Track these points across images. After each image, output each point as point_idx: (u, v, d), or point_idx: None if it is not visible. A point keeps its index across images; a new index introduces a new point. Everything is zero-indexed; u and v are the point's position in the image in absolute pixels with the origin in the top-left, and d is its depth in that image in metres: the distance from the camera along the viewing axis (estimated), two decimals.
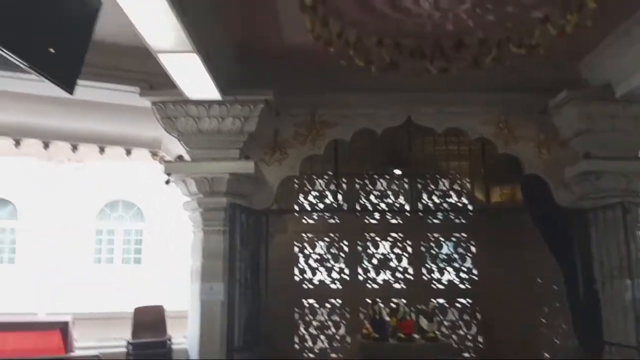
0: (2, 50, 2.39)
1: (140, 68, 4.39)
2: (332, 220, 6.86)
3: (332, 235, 6.80)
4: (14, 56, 2.47)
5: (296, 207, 6.58)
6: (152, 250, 13.80)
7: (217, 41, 3.99)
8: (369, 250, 6.83)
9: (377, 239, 6.87)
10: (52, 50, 2.70)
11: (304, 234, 6.75)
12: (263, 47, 4.46)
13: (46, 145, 6.08)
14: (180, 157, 4.99)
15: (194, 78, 4.01)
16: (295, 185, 6.51)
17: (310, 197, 6.71)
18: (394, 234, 6.87)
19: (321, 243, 6.77)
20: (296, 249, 6.72)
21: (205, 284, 4.57)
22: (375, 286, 6.75)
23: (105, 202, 13.98)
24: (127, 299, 11.70)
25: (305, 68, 4.55)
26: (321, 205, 6.66)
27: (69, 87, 2.90)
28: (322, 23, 3.41)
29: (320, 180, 6.67)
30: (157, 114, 4.70)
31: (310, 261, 6.73)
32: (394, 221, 6.93)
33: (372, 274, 6.78)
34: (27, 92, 4.62)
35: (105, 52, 4.10)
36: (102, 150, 6.23)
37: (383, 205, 6.83)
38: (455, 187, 6.87)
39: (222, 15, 3.91)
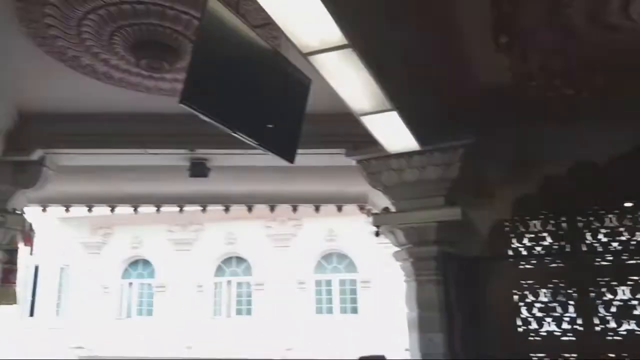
0: (238, 134, 2.86)
1: (344, 131, 4.73)
2: (554, 265, 6.21)
3: (556, 281, 6.13)
4: (245, 137, 2.94)
5: (511, 252, 6.15)
6: (367, 300, 14.25)
7: (412, 94, 4.12)
8: (604, 297, 5.95)
9: (613, 283, 5.96)
10: (270, 126, 3.13)
11: (523, 281, 6.23)
12: (458, 91, 4.45)
13: (272, 209, 6.93)
14: (386, 209, 5.17)
15: (393, 133, 4.20)
16: (507, 229, 6.12)
17: (525, 241, 6.21)
18: (634, 277, 5.89)
19: (544, 290, 6.14)
20: (516, 298, 6.21)
21: (424, 335, 4.54)
22: (618, 338, 5.80)
23: (321, 255, 15.04)
24: (348, 348, 12.22)
25: (506, 106, 4.37)
26: (539, 249, 6.10)
27: (290, 157, 3.31)
28: (521, 59, 3.29)
29: (536, 222, 6.15)
30: (363, 170, 5.00)
31: (535, 310, 6.14)
32: (632, 262, 5.96)
33: (612, 324, 5.86)
34: (255, 165, 5.34)
35: (314, 121, 4.55)
36: (317, 208, 6.81)
37: (615, 245, 5.95)
38: None
39: (415, 68, 4.04)
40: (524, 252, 6.19)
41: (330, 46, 2.87)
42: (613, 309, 5.85)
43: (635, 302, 5.78)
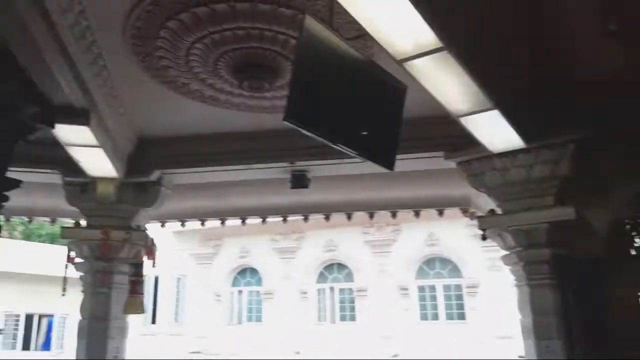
0: (338, 146, 2.93)
1: (441, 133, 4.65)
2: None
3: None
4: (346, 148, 3.00)
5: (634, 252, 5.65)
6: (474, 305, 13.75)
7: (513, 90, 3.95)
8: None
9: None
10: (364, 133, 3.15)
11: None
12: (564, 83, 4.19)
13: (371, 215, 6.96)
14: (491, 211, 4.98)
15: (495, 132, 4.05)
16: (628, 227, 5.63)
17: None
18: None
19: None
20: None
21: (540, 342, 4.31)
22: None
23: (423, 260, 14.77)
24: (457, 355, 11.90)
25: (620, 95, 4.05)
26: None
27: (389, 165, 3.32)
28: (634, 44, 3.05)
29: None
30: (463, 172, 4.86)
31: None
32: None
33: None
34: (354, 173, 5.40)
35: (410, 125, 4.51)
36: (417, 214, 6.71)
37: None
38: None
39: (516, 62, 3.88)
40: None
41: (425, 50, 2.86)
42: None
43: None
